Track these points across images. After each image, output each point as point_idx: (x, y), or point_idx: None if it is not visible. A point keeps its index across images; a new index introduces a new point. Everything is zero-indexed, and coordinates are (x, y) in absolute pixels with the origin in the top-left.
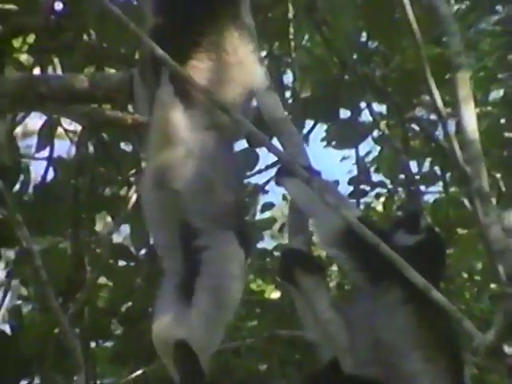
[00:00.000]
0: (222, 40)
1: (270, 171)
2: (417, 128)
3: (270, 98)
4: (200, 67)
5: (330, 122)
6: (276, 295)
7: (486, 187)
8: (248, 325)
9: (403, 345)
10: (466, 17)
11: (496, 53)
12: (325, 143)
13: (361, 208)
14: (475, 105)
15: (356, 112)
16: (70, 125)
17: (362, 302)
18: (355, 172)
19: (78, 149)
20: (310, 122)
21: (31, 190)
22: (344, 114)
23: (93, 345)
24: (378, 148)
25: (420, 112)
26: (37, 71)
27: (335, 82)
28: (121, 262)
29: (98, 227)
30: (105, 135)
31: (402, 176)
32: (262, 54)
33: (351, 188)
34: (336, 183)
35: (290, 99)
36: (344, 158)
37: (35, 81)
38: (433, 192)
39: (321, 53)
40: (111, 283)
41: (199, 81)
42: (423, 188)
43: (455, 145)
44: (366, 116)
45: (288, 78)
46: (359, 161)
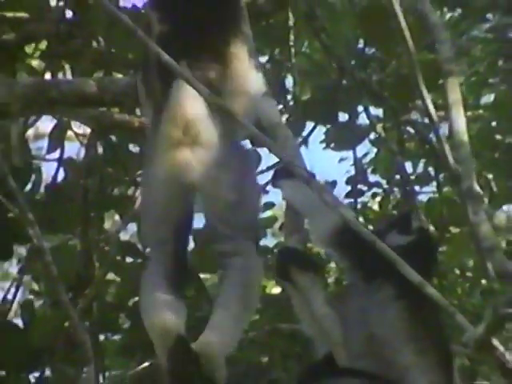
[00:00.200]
0: (224, 48)
1: (271, 172)
2: (412, 131)
3: (268, 104)
4: (202, 73)
5: (329, 125)
6: (277, 290)
7: (476, 187)
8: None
9: (395, 339)
10: (459, 24)
11: (487, 59)
12: (324, 145)
13: (358, 207)
14: (468, 109)
15: (354, 115)
16: (80, 127)
17: (356, 299)
18: (353, 172)
19: (87, 150)
20: (310, 125)
21: (42, 190)
22: (342, 117)
23: (101, 338)
24: (375, 150)
25: (415, 115)
26: (48, 76)
27: (334, 87)
28: (128, 259)
29: (107, 225)
30: (113, 137)
31: (398, 176)
32: (264, 59)
33: (349, 188)
34: (334, 183)
35: (291, 102)
36: (342, 159)
37: (46, 85)
38: (427, 192)
39: (320, 58)
40: (119, 279)
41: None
42: (418, 188)
43: (446, 147)
44: (363, 119)
45: (289, 83)
46: (357, 162)
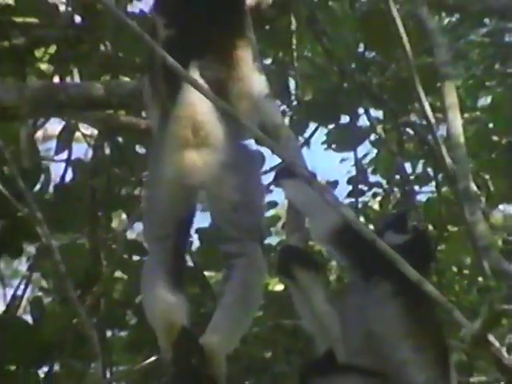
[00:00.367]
0: (229, 51)
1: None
2: (411, 132)
3: (270, 105)
4: (209, 75)
5: (331, 126)
6: (280, 288)
7: (473, 187)
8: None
9: (393, 335)
10: (456, 29)
11: (484, 62)
12: (325, 146)
13: (359, 206)
14: (465, 111)
15: (354, 117)
16: (87, 129)
17: (355, 296)
18: (354, 173)
19: (95, 152)
20: (312, 127)
21: (51, 190)
22: (343, 119)
23: (109, 334)
24: (375, 150)
25: (414, 117)
26: (56, 80)
27: (335, 89)
28: (135, 257)
29: (114, 224)
30: (120, 139)
31: (397, 177)
32: (268, 62)
33: (350, 188)
34: (336, 183)
35: (294, 103)
36: (343, 160)
37: (54, 89)
38: (426, 192)
39: (321, 62)
40: (126, 277)
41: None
42: (417, 188)
43: (442, 148)
44: (364, 121)
45: (291, 85)
46: (357, 162)
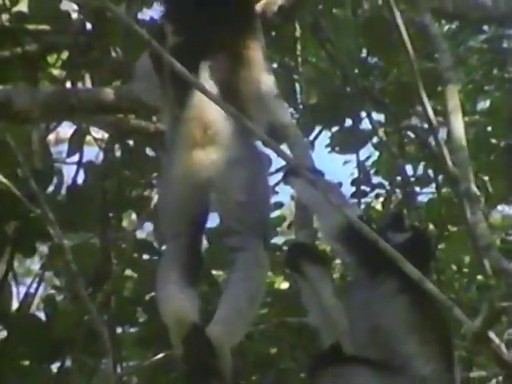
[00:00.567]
0: (241, 51)
1: (280, 174)
2: (412, 135)
3: (279, 105)
4: (219, 76)
5: (334, 130)
6: (285, 286)
7: (474, 189)
8: (260, 312)
9: (399, 330)
10: (456, 35)
11: (483, 68)
12: (329, 149)
13: (362, 207)
14: (465, 114)
15: (357, 120)
16: (98, 133)
17: (361, 292)
18: (356, 174)
19: (106, 154)
20: (316, 130)
21: (63, 192)
22: (346, 123)
23: (119, 330)
24: (377, 153)
25: (415, 121)
26: (68, 85)
27: (338, 94)
28: (144, 256)
29: (124, 224)
30: (130, 142)
31: (399, 178)
32: (274, 66)
33: (353, 189)
34: (339, 184)
35: (300, 106)
36: (346, 162)
37: (66, 93)
38: (426, 193)
39: (325, 67)
40: (136, 275)
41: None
42: (418, 189)
43: (445, 150)
44: (366, 124)
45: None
46: (360, 164)
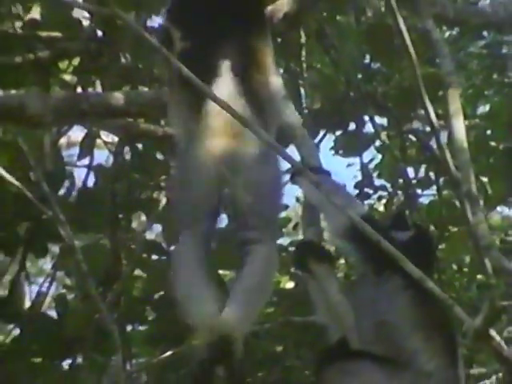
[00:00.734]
0: (253, 53)
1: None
2: (413, 139)
3: (287, 106)
4: (228, 80)
5: (338, 133)
6: (290, 285)
7: (474, 190)
8: (266, 311)
9: (404, 326)
10: (457, 41)
11: (483, 73)
12: (333, 151)
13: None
14: (465, 118)
15: (360, 124)
16: (108, 136)
17: (367, 289)
18: (360, 177)
19: (116, 157)
20: (321, 134)
21: (74, 194)
22: (350, 126)
23: (129, 329)
24: (380, 156)
25: (416, 124)
26: (79, 90)
27: (342, 98)
28: (153, 256)
29: (133, 226)
30: (139, 145)
31: (401, 181)
32: (279, 71)
33: (356, 191)
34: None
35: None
36: (350, 165)
37: (77, 98)
38: (428, 195)
39: (329, 72)
40: (145, 275)
41: (227, 93)
42: (419, 191)
43: (447, 153)
44: (369, 128)
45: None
46: (363, 167)
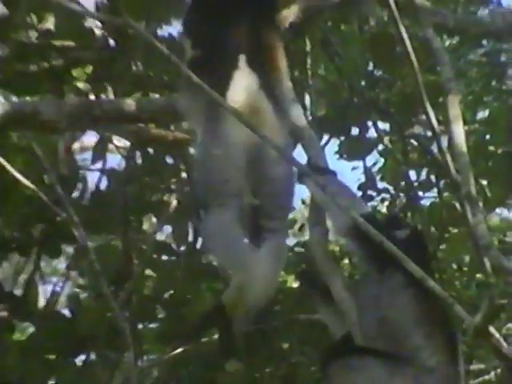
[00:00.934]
0: (269, 54)
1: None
2: (415, 143)
3: (295, 108)
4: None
5: (342, 138)
6: (296, 284)
7: (474, 193)
8: (272, 309)
9: (406, 323)
10: (457, 50)
11: (482, 80)
12: (337, 156)
13: None
14: (465, 123)
15: (363, 129)
16: (120, 141)
17: (370, 286)
18: (363, 180)
19: (127, 161)
20: (325, 138)
21: (87, 196)
22: (353, 131)
23: (140, 326)
24: (383, 160)
25: (418, 129)
26: (92, 97)
27: (346, 104)
28: (163, 257)
29: (144, 227)
30: (150, 150)
31: (403, 183)
32: None
33: (360, 193)
34: None
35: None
36: (354, 168)
37: (90, 105)
38: (429, 197)
39: (334, 79)
40: (155, 274)
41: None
42: (421, 193)
43: (447, 157)
44: (372, 133)
45: (307, 101)
46: (366, 170)
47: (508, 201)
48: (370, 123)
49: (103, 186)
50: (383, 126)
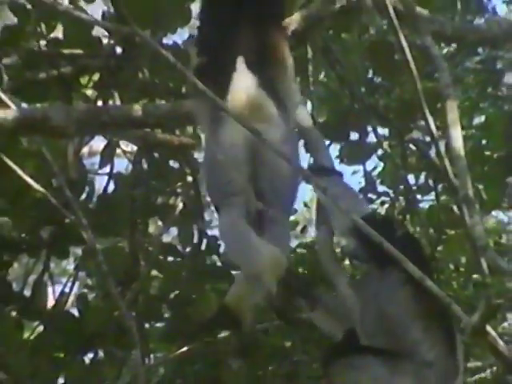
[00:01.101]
0: (276, 55)
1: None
2: (414, 148)
3: (302, 111)
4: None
5: (342, 143)
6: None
7: (471, 195)
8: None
9: (405, 318)
10: (454, 57)
11: (478, 86)
12: (338, 160)
13: None
14: (462, 129)
15: (363, 134)
16: (127, 146)
17: (371, 283)
18: (363, 184)
19: (134, 166)
20: (326, 143)
21: (95, 200)
22: (354, 136)
23: (146, 325)
24: (382, 164)
25: (416, 134)
26: (100, 103)
27: (346, 111)
28: (169, 258)
29: (151, 230)
30: (156, 154)
31: (402, 187)
32: None
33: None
34: None
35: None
36: (354, 173)
37: (98, 110)
38: (427, 200)
39: (334, 86)
40: (161, 275)
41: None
42: (419, 197)
43: (445, 161)
44: (372, 138)
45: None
46: (367, 175)
47: (503, 204)
48: (370, 129)
49: (111, 190)
50: (383, 132)
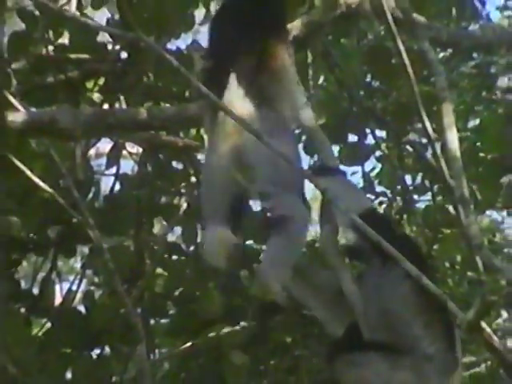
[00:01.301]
0: (276, 58)
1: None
2: (411, 149)
3: (307, 111)
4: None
5: (341, 145)
6: None
7: (466, 195)
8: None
9: (406, 313)
10: (449, 62)
11: (473, 90)
12: (337, 161)
13: None
14: (457, 131)
15: (362, 136)
16: (133, 148)
17: (373, 278)
18: (362, 184)
19: (140, 167)
20: None
21: (102, 200)
22: (352, 138)
23: (152, 322)
24: (380, 165)
25: (413, 136)
26: (105, 107)
27: (345, 113)
28: (174, 257)
29: (156, 229)
30: (161, 156)
31: (399, 187)
32: None
33: None
34: None
35: None
36: (353, 173)
37: (104, 113)
38: (423, 200)
39: (334, 90)
40: (166, 273)
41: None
42: (416, 197)
43: (441, 162)
44: (370, 140)
45: None
46: (365, 175)
47: (497, 204)
48: (368, 131)
49: (117, 190)
50: (380, 134)
